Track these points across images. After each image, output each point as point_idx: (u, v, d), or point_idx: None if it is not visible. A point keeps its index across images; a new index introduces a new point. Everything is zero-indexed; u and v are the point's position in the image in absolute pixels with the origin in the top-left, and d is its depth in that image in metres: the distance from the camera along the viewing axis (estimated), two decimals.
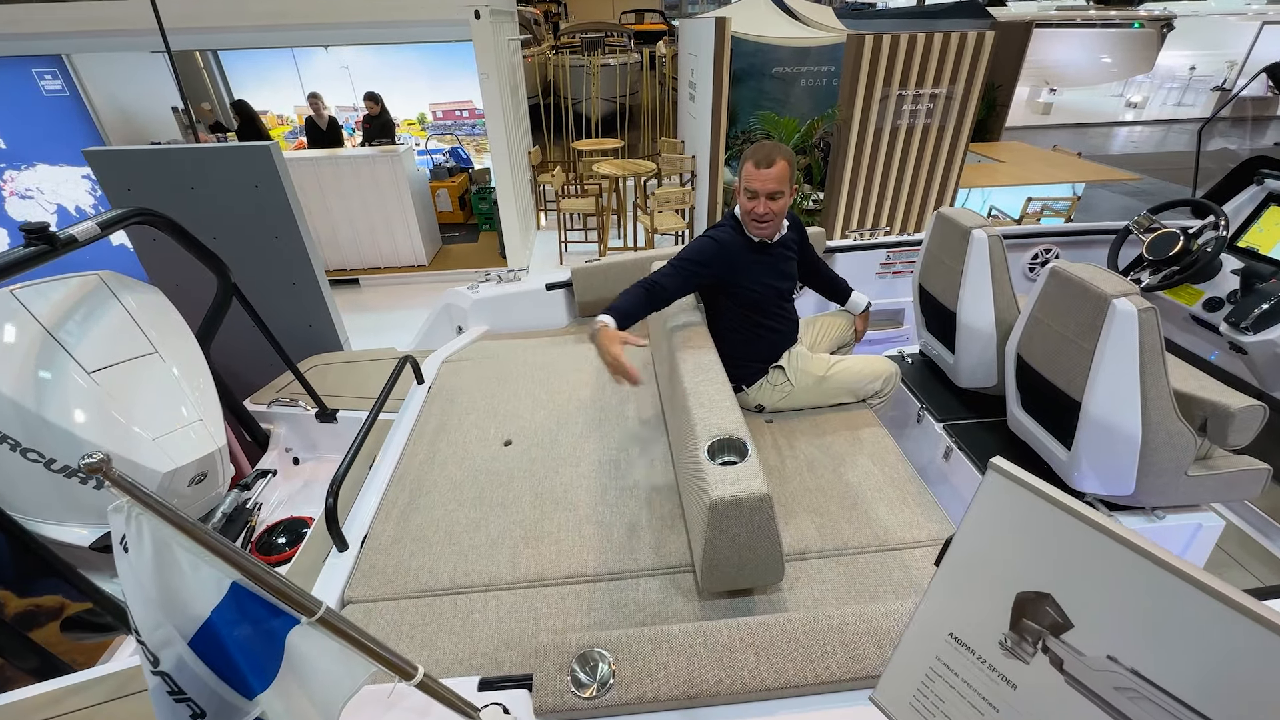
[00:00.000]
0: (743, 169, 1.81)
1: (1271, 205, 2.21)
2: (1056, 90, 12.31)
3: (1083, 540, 0.48)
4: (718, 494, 1.20)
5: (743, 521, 1.21)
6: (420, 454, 1.88)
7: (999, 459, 0.55)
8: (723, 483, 1.22)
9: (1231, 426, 1.47)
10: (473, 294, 2.64)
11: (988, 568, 0.57)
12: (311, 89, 6.27)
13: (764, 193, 1.78)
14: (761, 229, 1.84)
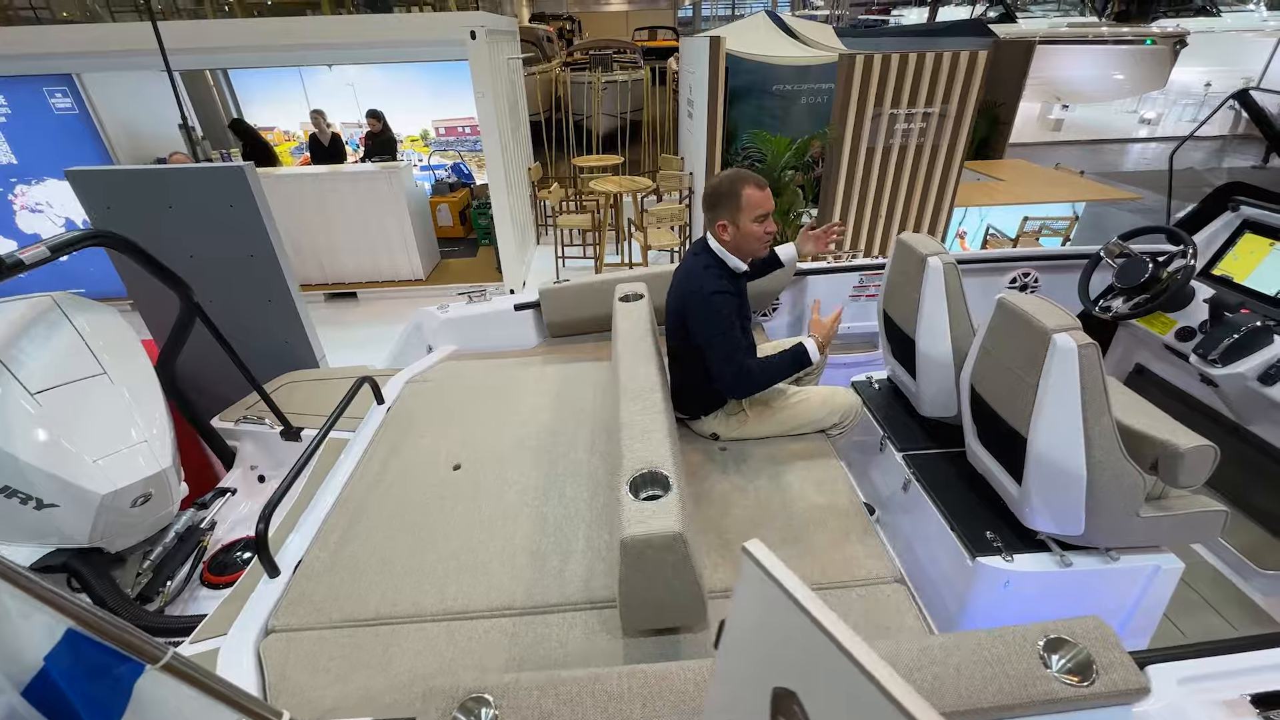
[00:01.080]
0: (744, 196, 1.78)
1: (1246, 232, 2.15)
2: (1069, 107, 12.19)
3: (812, 638, 0.45)
4: (630, 532, 1.17)
5: (656, 561, 1.18)
6: (368, 477, 1.87)
7: (753, 543, 0.52)
8: (636, 520, 1.19)
9: (1181, 467, 1.41)
10: (441, 314, 2.65)
11: (750, 655, 0.54)
12: (317, 106, 6.40)
13: (771, 212, 1.83)
14: (763, 249, 1.88)
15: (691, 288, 1.82)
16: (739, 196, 1.78)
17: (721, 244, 1.85)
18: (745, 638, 0.55)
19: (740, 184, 1.79)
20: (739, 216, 1.79)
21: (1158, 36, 10.79)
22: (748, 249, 1.86)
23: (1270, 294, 2.02)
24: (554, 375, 2.36)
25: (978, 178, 5.82)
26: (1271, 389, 1.76)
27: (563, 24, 21.87)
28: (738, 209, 1.79)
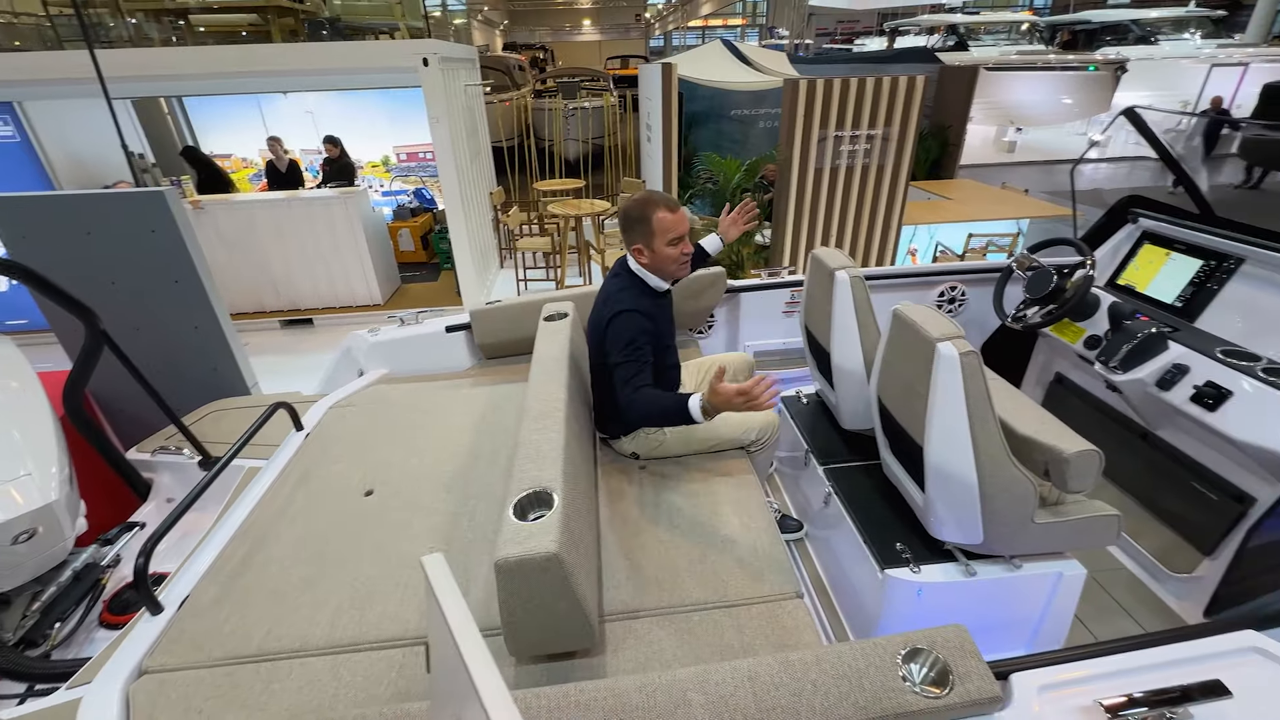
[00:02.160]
0: (655, 220, 1.75)
1: (1146, 243, 2.22)
2: (1021, 130, 12.65)
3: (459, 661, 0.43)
4: (502, 554, 1.14)
5: (532, 583, 1.15)
6: (274, 505, 1.82)
7: (431, 557, 0.50)
8: (513, 541, 1.17)
9: (1068, 472, 1.42)
10: (371, 337, 2.61)
11: (438, 672, 0.52)
12: (274, 133, 6.39)
13: (685, 234, 1.80)
14: (682, 270, 1.84)
15: (604, 309, 1.81)
16: (650, 221, 1.76)
17: (640, 265, 1.84)
18: (444, 654, 0.53)
19: (651, 208, 1.76)
20: (653, 241, 1.77)
21: (1100, 63, 11.32)
22: (666, 271, 1.83)
23: (1167, 301, 2.08)
24: (482, 398, 2.33)
25: (928, 197, 5.98)
26: (1169, 394, 1.81)
27: (535, 53, 22.27)
28: (650, 233, 1.77)
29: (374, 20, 5.44)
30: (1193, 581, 1.87)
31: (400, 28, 5.23)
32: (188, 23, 5.20)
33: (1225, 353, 1.78)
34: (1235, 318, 1.92)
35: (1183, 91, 11.90)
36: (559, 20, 30.59)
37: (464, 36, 6.93)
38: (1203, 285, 2.01)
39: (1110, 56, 11.56)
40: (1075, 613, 1.71)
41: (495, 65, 12.39)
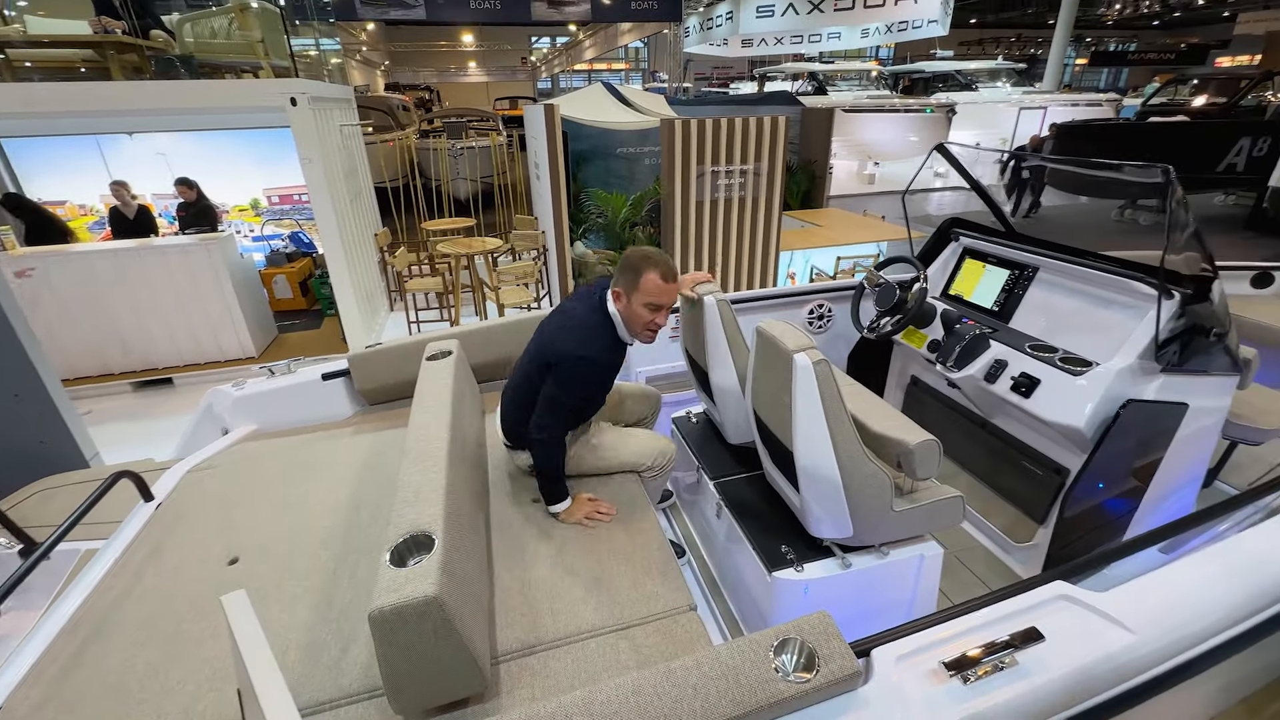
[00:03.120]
0: (644, 280, 1.70)
1: (967, 258, 2.59)
2: (879, 163, 14.14)
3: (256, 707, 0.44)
4: (378, 602, 1.09)
5: (412, 631, 1.10)
6: (117, 587, 1.61)
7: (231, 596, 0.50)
8: (389, 589, 1.12)
9: (915, 460, 1.60)
10: (236, 391, 2.41)
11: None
12: (119, 176, 5.78)
13: (669, 305, 1.74)
14: (645, 337, 1.80)
15: (571, 341, 1.74)
16: (640, 275, 1.71)
17: (615, 307, 1.78)
18: (247, 704, 0.51)
19: (647, 266, 1.71)
20: (634, 294, 1.73)
21: (935, 106, 13.00)
22: (633, 328, 1.79)
23: (987, 306, 2.42)
24: (364, 445, 2.22)
25: (801, 225, 6.51)
26: (995, 386, 2.08)
27: (420, 93, 21.98)
28: (635, 287, 1.72)
29: (235, 58, 5.14)
30: (1032, 549, 2.13)
31: (264, 66, 4.97)
32: (6, 58, 4.64)
33: (1033, 347, 2.09)
34: (1039, 317, 2.26)
35: (1000, 129, 13.93)
36: (443, 62, 30.44)
37: (339, 76, 6.71)
38: (1012, 291, 2.36)
39: (942, 101, 13.32)
40: (941, 588, 1.89)
41: (377, 105, 12.07)
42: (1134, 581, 1.27)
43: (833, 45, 17.17)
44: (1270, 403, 2.28)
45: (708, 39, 18.85)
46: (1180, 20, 28.97)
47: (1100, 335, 2.04)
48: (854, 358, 2.91)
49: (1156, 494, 2.02)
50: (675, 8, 12.00)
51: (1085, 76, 32.67)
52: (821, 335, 3.07)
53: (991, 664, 1.07)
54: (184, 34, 4.94)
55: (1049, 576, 1.26)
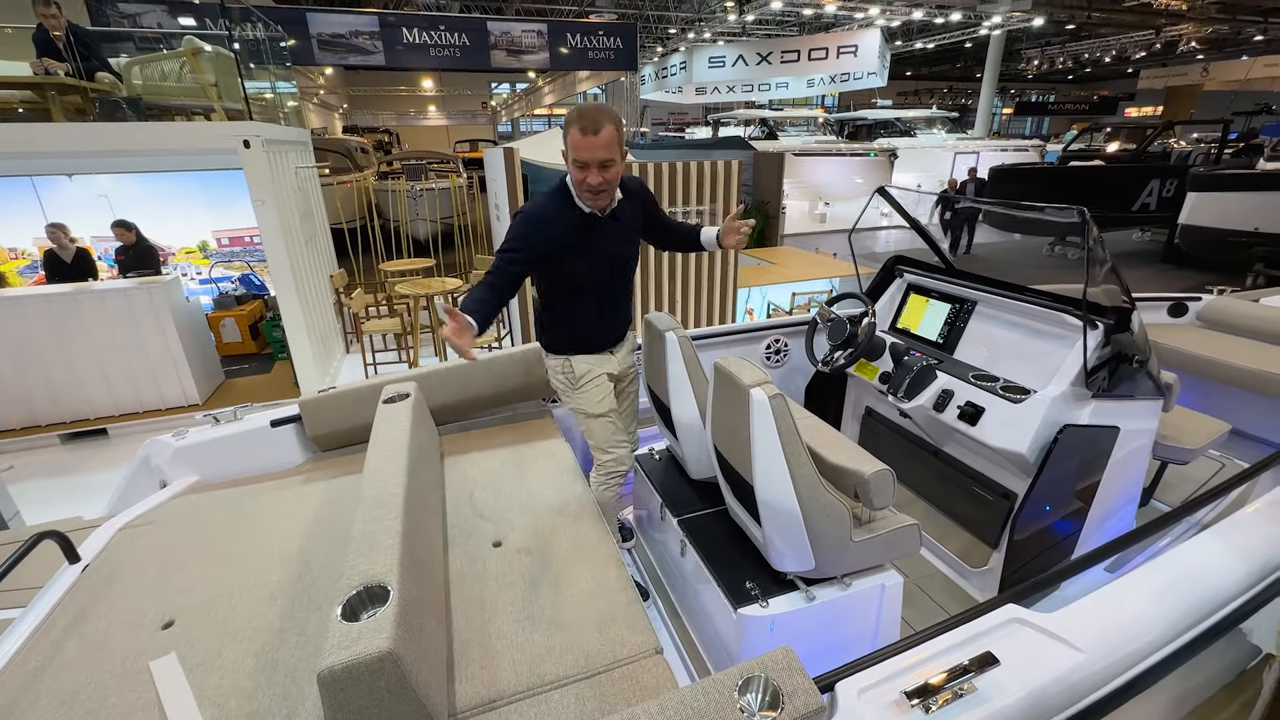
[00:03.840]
0: (568, 136, 1.63)
1: (911, 294, 2.72)
2: (829, 204, 14.81)
3: None
4: (328, 661, 1.04)
5: (364, 690, 1.04)
6: (33, 661, 1.47)
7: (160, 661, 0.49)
8: (340, 645, 1.06)
9: (871, 490, 1.63)
10: (176, 441, 2.29)
11: None
12: (57, 219, 5.55)
13: (594, 162, 1.62)
14: (597, 200, 1.71)
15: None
16: (567, 133, 1.63)
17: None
18: None
19: (570, 122, 1.63)
20: (566, 155, 1.67)
21: (878, 151, 13.80)
22: (577, 192, 1.72)
23: (932, 339, 2.54)
24: (316, 494, 2.13)
25: (756, 263, 6.71)
26: (943, 415, 2.17)
27: (380, 136, 22.02)
28: (566, 146, 1.67)
29: (186, 101, 5.07)
30: (988, 573, 2.18)
31: (216, 109, 4.92)
32: None
33: (976, 377, 2.19)
34: (980, 348, 2.38)
35: (939, 172, 14.86)
36: (403, 106, 30.67)
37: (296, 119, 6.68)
38: (954, 324, 2.48)
39: (884, 146, 14.15)
40: (903, 617, 1.91)
41: (334, 148, 12.04)
42: (1080, 601, 1.32)
43: (781, 93, 18.17)
44: (1193, 423, 2.44)
45: (663, 86, 19.67)
46: (1091, 75, 31.87)
47: (1036, 364, 2.16)
48: (811, 390, 2.99)
49: (1099, 514, 2.11)
50: (631, 58, 12.51)
51: (1012, 124, 35.37)
52: (779, 369, 3.14)
53: (951, 691, 1.09)
54: (132, 77, 4.86)
55: (1001, 600, 1.30)
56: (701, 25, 20.32)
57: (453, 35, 11.04)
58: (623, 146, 1.70)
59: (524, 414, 2.70)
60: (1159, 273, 9.58)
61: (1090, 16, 17.25)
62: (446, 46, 11.00)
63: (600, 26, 12.42)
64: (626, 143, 1.95)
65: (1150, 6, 16.09)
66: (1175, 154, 11.88)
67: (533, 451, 2.34)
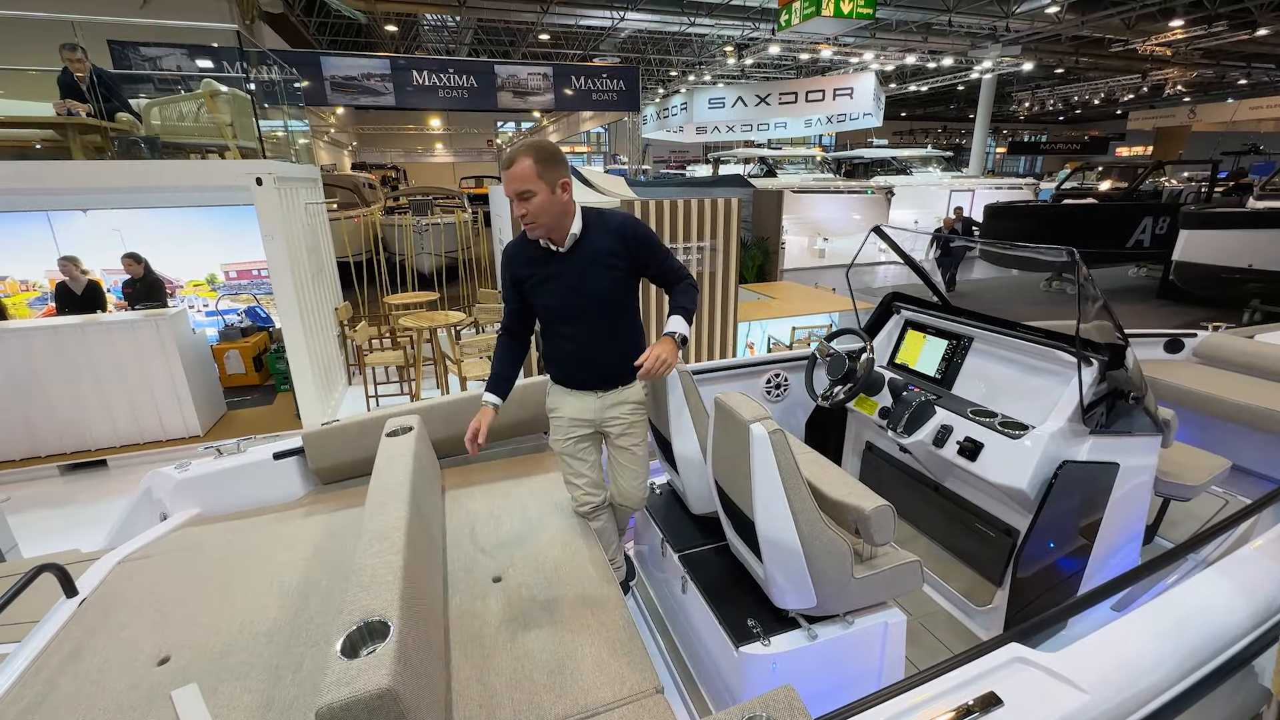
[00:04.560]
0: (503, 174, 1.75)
1: (909, 330, 2.76)
2: (828, 240, 15.04)
3: None
4: (326, 699, 1.03)
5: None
6: (26, 698, 1.46)
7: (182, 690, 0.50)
8: (339, 683, 1.06)
9: (871, 526, 1.63)
10: (179, 473, 2.30)
11: None
12: (69, 252, 5.67)
13: (512, 194, 1.69)
14: (532, 232, 1.76)
15: None
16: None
17: None
18: None
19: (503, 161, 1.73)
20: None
21: (875, 189, 14.08)
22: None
23: (930, 374, 2.57)
24: (317, 528, 2.13)
25: (756, 297, 6.79)
26: (943, 450, 2.17)
27: (386, 172, 22.56)
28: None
29: (201, 140, 5.24)
30: (993, 611, 2.15)
31: (230, 147, 5.08)
32: None
33: (974, 412, 2.21)
34: (978, 383, 2.40)
35: (935, 209, 15.12)
36: (411, 143, 31.48)
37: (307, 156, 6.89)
38: (952, 360, 2.51)
39: (881, 184, 14.45)
40: (907, 656, 1.88)
41: (343, 184, 12.33)
42: (1084, 640, 1.31)
43: (780, 133, 18.66)
44: (1193, 459, 2.44)
45: (665, 126, 20.22)
46: (1081, 116, 32.73)
47: (1034, 400, 2.18)
48: (811, 425, 3.00)
49: (1103, 551, 2.10)
50: (634, 99, 12.91)
51: (1005, 163, 36.15)
52: (779, 404, 3.16)
53: None
54: (151, 117, 5.03)
55: (1004, 639, 1.29)
56: (702, 68, 21.02)
57: (461, 78, 11.43)
58: (550, 179, 1.70)
59: (526, 448, 2.71)
60: (1155, 308, 9.66)
61: (1078, 61, 17.85)
62: (455, 88, 11.37)
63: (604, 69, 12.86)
64: (629, 180, 1.99)
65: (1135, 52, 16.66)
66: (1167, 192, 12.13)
67: (534, 485, 2.34)
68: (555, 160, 1.73)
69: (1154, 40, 15.15)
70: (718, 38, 17.09)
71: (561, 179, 1.73)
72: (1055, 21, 14.26)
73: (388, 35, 16.50)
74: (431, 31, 17.95)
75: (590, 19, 14.36)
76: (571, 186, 1.77)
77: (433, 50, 18.98)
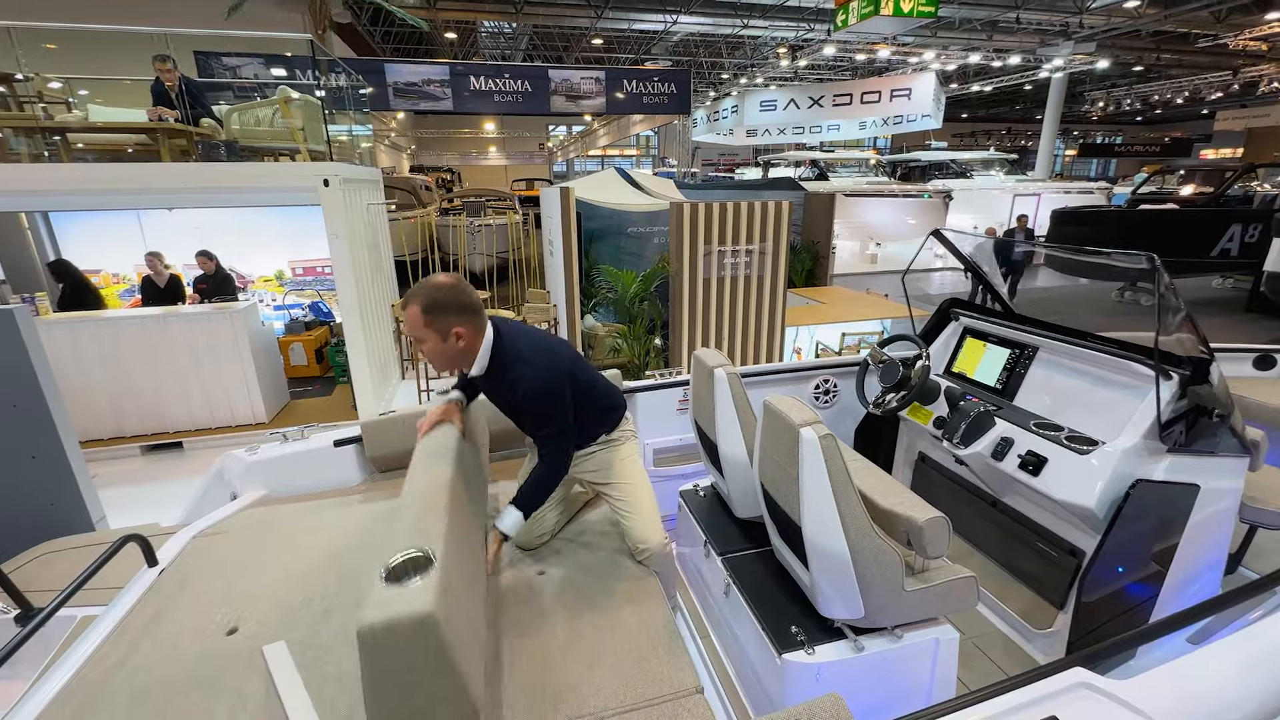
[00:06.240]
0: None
1: (968, 337, 2.65)
2: (881, 244, 14.63)
3: None
4: (368, 618, 1.04)
5: (404, 653, 1.05)
6: (111, 658, 1.57)
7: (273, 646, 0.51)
8: (380, 604, 1.07)
9: (925, 538, 1.58)
10: (249, 456, 2.44)
11: None
12: (155, 247, 6.11)
13: (408, 334, 1.77)
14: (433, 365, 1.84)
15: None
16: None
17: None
18: None
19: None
20: None
21: (932, 192, 13.60)
22: None
23: (990, 384, 2.45)
24: (373, 514, 2.21)
25: (805, 302, 6.67)
26: (1002, 464, 2.08)
27: (442, 174, 23.30)
28: None
29: (276, 144, 5.55)
30: (1053, 635, 2.04)
31: (301, 150, 5.36)
32: (65, 140, 5.03)
33: (1037, 425, 2.10)
34: (1042, 395, 2.29)
35: (996, 215, 14.48)
36: (465, 146, 32.44)
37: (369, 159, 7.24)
38: (1014, 370, 2.40)
39: (939, 187, 13.95)
40: (960, 677, 1.81)
41: (401, 185, 12.80)
42: (1157, 669, 1.23)
43: (832, 135, 18.29)
44: None
45: (715, 129, 20.13)
46: (1162, 117, 30.72)
47: (1105, 414, 2.05)
48: (861, 433, 2.92)
49: (1178, 579, 1.96)
50: (685, 102, 12.91)
51: (1075, 166, 34.28)
52: (828, 410, 3.09)
53: None
54: (231, 122, 5.36)
55: (1068, 662, 1.22)
56: (754, 70, 20.83)
57: (516, 82, 11.71)
58: (440, 328, 1.67)
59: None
60: (1242, 322, 8.95)
61: (1159, 58, 16.77)
62: (510, 93, 11.66)
63: (655, 73, 12.92)
64: (677, 182, 1.96)
65: (1226, 48, 15.53)
66: (1259, 197, 11.23)
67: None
68: (447, 309, 1.67)
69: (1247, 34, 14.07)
70: (771, 39, 16.90)
71: (455, 327, 1.68)
72: (1134, 16, 13.45)
73: (447, 42, 17.07)
74: (488, 38, 18.47)
75: (643, 23, 14.46)
76: (471, 333, 1.72)
77: (489, 57, 19.52)
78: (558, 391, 1.80)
